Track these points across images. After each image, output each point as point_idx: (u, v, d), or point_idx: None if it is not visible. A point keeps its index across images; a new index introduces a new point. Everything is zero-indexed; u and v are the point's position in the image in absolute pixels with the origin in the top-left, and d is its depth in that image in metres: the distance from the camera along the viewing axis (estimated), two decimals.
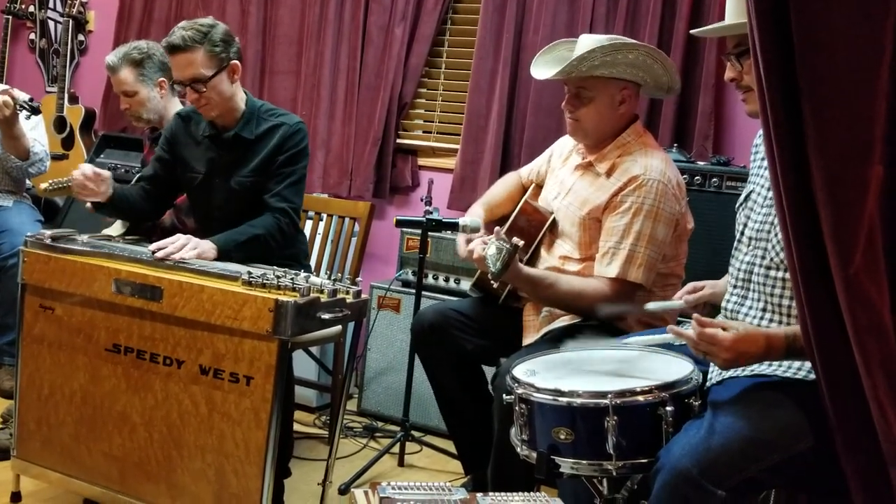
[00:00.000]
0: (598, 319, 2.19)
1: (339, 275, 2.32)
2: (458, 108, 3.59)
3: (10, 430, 2.47)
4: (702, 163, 2.80)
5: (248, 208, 2.48)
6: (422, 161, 3.68)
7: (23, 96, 3.05)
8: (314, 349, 3.12)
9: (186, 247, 2.23)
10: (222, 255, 2.32)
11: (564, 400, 1.64)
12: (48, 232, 2.30)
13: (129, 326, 2.13)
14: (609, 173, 2.24)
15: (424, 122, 3.73)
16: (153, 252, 2.20)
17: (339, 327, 2.73)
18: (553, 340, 2.19)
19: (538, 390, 1.68)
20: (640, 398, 1.62)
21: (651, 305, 1.98)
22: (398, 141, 3.65)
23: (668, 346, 1.81)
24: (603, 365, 1.82)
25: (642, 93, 2.36)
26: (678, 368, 1.71)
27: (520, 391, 1.70)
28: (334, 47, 3.65)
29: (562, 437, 1.63)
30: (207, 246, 2.29)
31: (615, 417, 1.59)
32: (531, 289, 2.21)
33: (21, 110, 3.02)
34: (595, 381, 1.69)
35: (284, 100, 3.74)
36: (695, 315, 1.62)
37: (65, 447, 2.22)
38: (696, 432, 1.55)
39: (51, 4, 4.40)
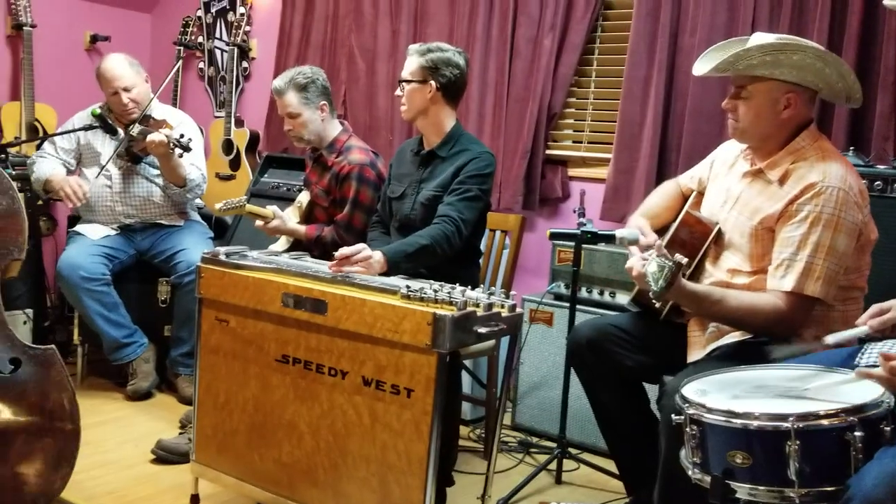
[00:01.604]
0: (770, 336, 2.06)
1: (492, 288, 2.33)
2: (609, 117, 3.52)
3: (189, 435, 2.64)
4: (882, 166, 2.59)
5: (431, 221, 2.64)
6: (572, 171, 3.63)
7: (175, 134, 3.27)
8: (467, 362, 3.14)
9: (360, 256, 2.34)
10: (391, 267, 2.41)
11: (739, 422, 1.56)
12: (223, 249, 2.43)
13: (297, 338, 2.22)
14: (782, 181, 2.11)
15: (574, 131, 3.68)
16: (336, 257, 2.31)
17: (492, 341, 2.74)
18: (721, 358, 2.09)
19: (710, 411, 1.60)
20: (825, 422, 1.51)
21: (830, 339, 1.83)
22: (547, 152, 3.62)
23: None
24: (781, 384, 1.71)
25: (820, 97, 2.21)
26: (867, 390, 1.58)
27: (690, 412, 1.63)
28: (482, 61, 3.67)
29: (738, 460, 1.55)
30: (378, 257, 2.39)
31: (797, 442, 1.49)
32: (696, 306, 2.11)
33: (174, 149, 3.24)
34: (772, 403, 1.59)
35: None
36: (880, 352, 1.50)
37: (238, 453, 2.34)
38: (892, 460, 1.43)
39: (217, 34, 4.71)
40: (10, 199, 2.28)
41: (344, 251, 2.34)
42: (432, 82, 2.71)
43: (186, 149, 3.26)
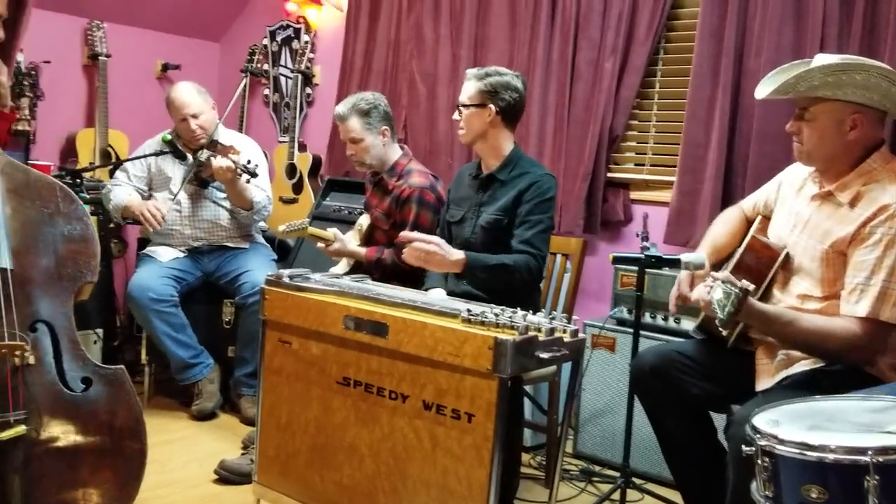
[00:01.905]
0: (843, 364, 1.99)
1: (554, 312, 2.31)
2: (672, 139, 3.47)
3: (251, 455, 2.66)
4: None
5: (493, 246, 2.69)
6: (634, 194, 3.59)
7: (243, 160, 3.33)
8: (528, 388, 3.10)
9: (431, 247, 2.48)
10: (467, 270, 2.53)
11: (814, 455, 1.50)
12: (286, 272, 2.46)
13: (358, 361, 2.23)
14: (853, 203, 2.04)
15: (637, 154, 3.64)
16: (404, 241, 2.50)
17: (553, 367, 2.71)
18: (792, 387, 2.02)
19: (782, 443, 1.55)
20: None
21: None
22: (609, 175, 3.59)
23: None
24: (857, 416, 1.64)
25: (893, 118, 2.14)
26: None
27: (762, 443, 1.58)
28: (543, 85, 3.67)
29: (813, 495, 1.49)
30: (457, 256, 2.47)
31: (877, 477, 1.43)
32: (766, 327, 2.05)
33: (241, 174, 3.30)
34: (849, 435, 1.53)
35: None
36: None
37: (300, 475, 2.35)
38: None
39: (282, 62, 4.81)
40: (83, 224, 2.34)
41: (411, 234, 2.47)
42: (492, 106, 2.72)
43: (253, 174, 3.32)
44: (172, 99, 3.51)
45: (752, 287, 1.86)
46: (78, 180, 3.66)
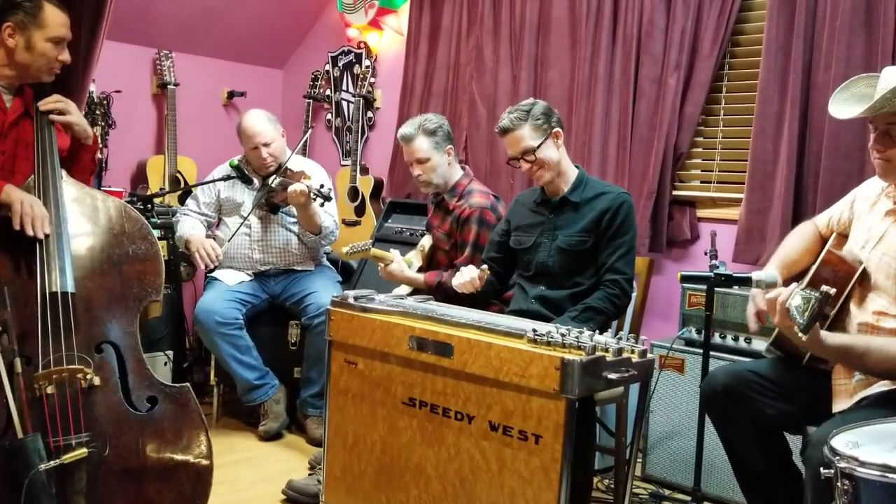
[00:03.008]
0: None
1: (621, 333, 2.28)
2: (740, 156, 3.40)
3: (318, 476, 2.68)
4: None
5: (572, 266, 2.71)
6: (701, 212, 3.52)
7: (315, 184, 3.37)
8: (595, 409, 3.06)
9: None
10: None
11: None
12: (351, 293, 2.49)
13: (423, 381, 2.23)
14: None
15: (703, 171, 3.58)
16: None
17: (621, 388, 2.67)
18: (871, 407, 1.95)
19: (863, 465, 1.50)
20: None
21: None
22: (674, 192, 3.53)
23: None
24: None
25: None
26: None
27: (841, 465, 1.52)
28: (605, 103, 3.64)
29: None
30: None
31: None
32: (839, 359, 2.00)
33: (315, 199, 3.35)
34: None
35: None
36: None
37: (367, 495, 2.35)
38: None
39: (344, 87, 4.90)
40: (149, 244, 2.38)
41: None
42: (556, 129, 2.75)
43: (327, 198, 3.37)
44: (244, 128, 3.58)
45: (833, 291, 1.80)
46: (149, 206, 3.77)
